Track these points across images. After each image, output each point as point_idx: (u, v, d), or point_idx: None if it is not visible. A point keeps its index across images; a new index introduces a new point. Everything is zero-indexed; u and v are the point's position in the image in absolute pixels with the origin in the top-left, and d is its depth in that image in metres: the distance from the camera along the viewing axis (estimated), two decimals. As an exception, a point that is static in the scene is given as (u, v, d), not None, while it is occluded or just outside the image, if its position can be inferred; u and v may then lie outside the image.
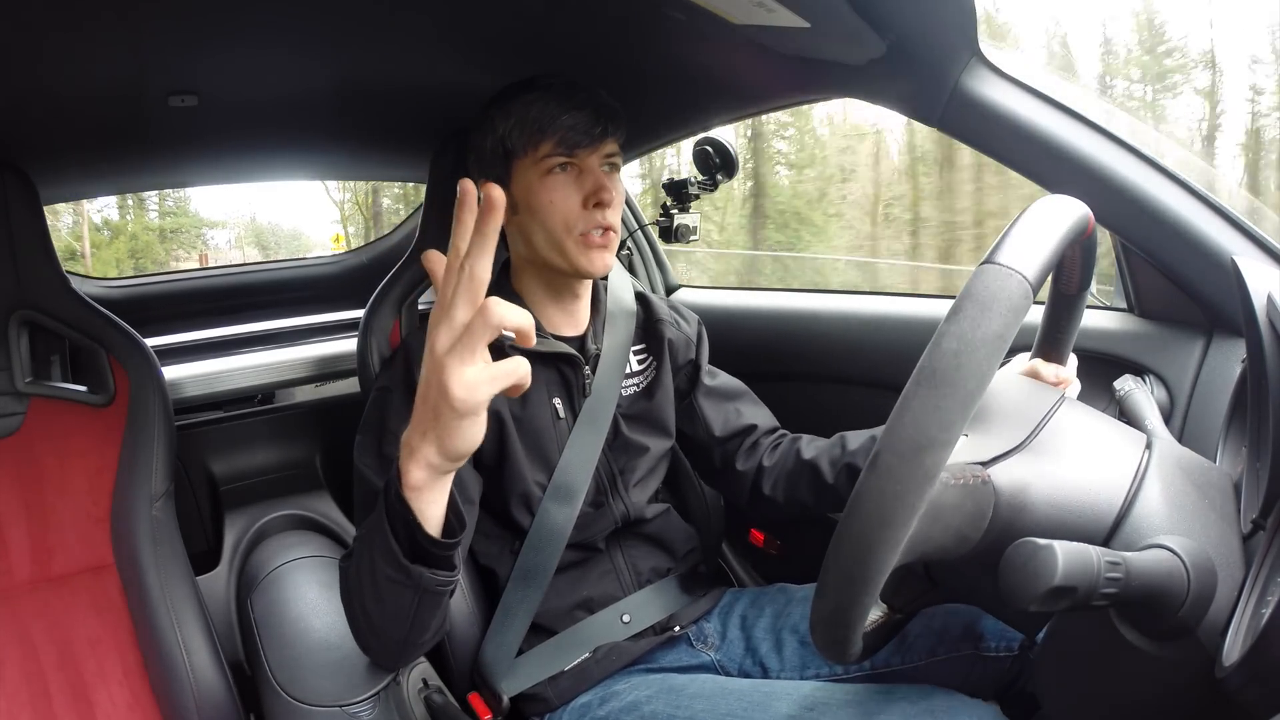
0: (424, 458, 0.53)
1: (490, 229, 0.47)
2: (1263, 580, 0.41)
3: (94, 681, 0.87)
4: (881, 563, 0.41)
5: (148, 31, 0.74)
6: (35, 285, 0.94)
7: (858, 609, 0.43)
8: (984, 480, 0.48)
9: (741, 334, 1.31)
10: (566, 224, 0.80)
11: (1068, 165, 0.72)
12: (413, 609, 0.62)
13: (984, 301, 0.41)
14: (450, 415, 0.50)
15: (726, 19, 0.69)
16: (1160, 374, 0.80)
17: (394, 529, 0.57)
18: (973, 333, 0.40)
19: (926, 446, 0.40)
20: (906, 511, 0.40)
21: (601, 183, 0.79)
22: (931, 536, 0.46)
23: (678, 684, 0.78)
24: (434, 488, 0.55)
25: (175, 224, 7.15)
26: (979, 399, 0.40)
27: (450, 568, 0.61)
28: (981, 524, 0.48)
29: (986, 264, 0.43)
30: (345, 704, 0.76)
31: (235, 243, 8.13)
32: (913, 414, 0.40)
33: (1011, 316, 0.41)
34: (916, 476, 0.40)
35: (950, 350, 0.40)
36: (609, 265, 0.83)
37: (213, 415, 1.41)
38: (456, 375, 0.48)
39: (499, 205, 0.46)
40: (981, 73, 0.73)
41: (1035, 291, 0.42)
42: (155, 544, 0.91)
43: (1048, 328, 0.65)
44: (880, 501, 0.40)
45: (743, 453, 0.96)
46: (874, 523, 0.40)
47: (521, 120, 0.79)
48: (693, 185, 1.19)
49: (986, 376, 0.40)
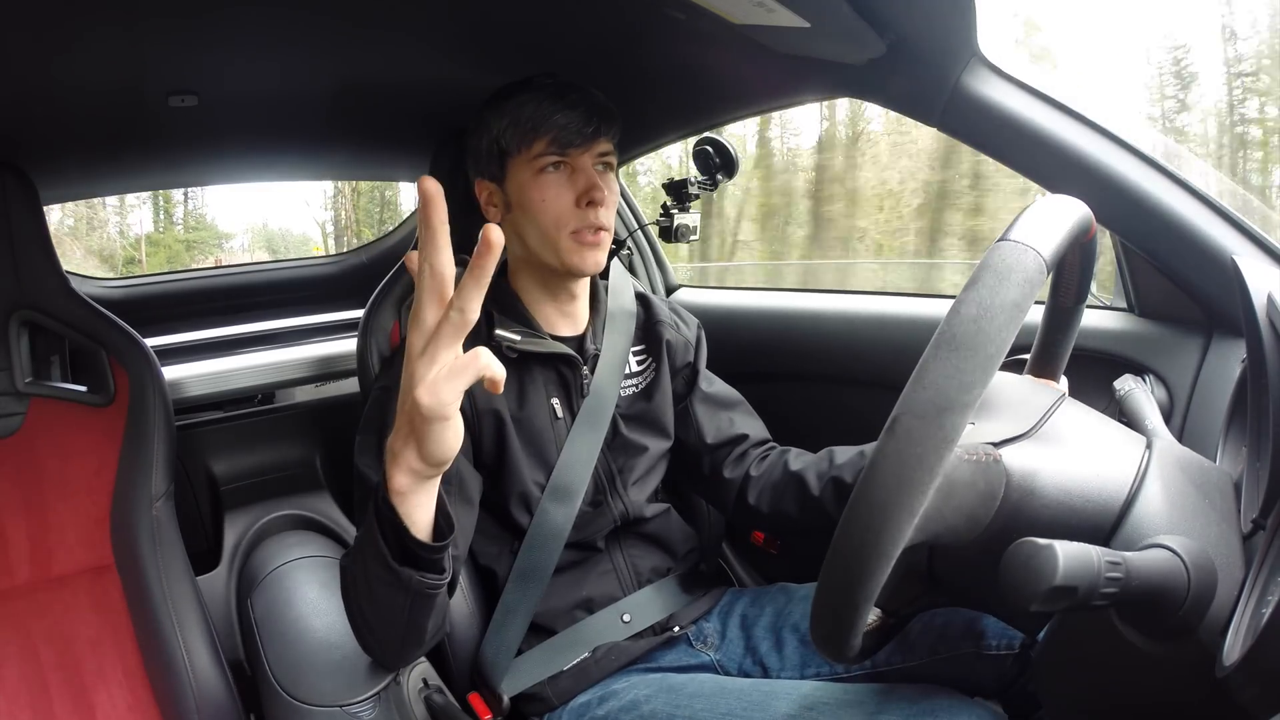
0: (405, 463, 0.53)
1: (435, 221, 0.45)
2: (1263, 580, 0.41)
3: (94, 681, 0.87)
4: (898, 532, 0.40)
5: (148, 31, 0.74)
6: (35, 285, 0.94)
7: (868, 587, 0.42)
8: (996, 459, 0.48)
9: (741, 334, 1.31)
10: (558, 222, 0.80)
11: (1068, 165, 0.72)
12: (405, 610, 0.63)
13: (1001, 272, 0.42)
14: (420, 420, 0.49)
15: (726, 19, 0.69)
16: (1160, 374, 0.80)
17: (383, 532, 0.57)
18: (991, 299, 0.41)
19: (947, 408, 0.39)
20: (926, 475, 0.39)
21: (594, 181, 0.80)
22: (944, 515, 0.45)
23: (677, 683, 0.78)
24: (419, 492, 0.55)
25: (198, 237, 7.81)
26: (998, 364, 0.41)
27: (439, 571, 0.61)
28: (992, 505, 0.48)
29: (1002, 241, 0.43)
30: (345, 704, 0.75)
31: (248, 247, 8.61)
32: (932, 376, 0.40)
33: (1028, 288, 0.41)
34: (937, 438, 0.39)
35: (970, 315, 0.41)
36: (600, 264, 0.84)
37: (213, 415, 1.41)
38: (421, 378, 0.48)
39: (433, 196, 0.44)
40: (981, 72, 0.73)
41: (1049, 270, 0.43)
42: (155, 544, 0.91)
43: (1043, 341, 0.65)
44: (900, 465, 0.40)
45: (731, 461, 0.96)
46: (894, 486, 0.40)
47: (515, 120, 0.80)
48: (693, 185, 1.18)
49: (1005, 342, 0.40)
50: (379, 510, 0.57)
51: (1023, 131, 0.73)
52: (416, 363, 0.48)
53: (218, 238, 7.94)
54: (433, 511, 0.58)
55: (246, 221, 8.82)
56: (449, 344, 0.47)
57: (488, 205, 0.86)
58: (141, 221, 8.03)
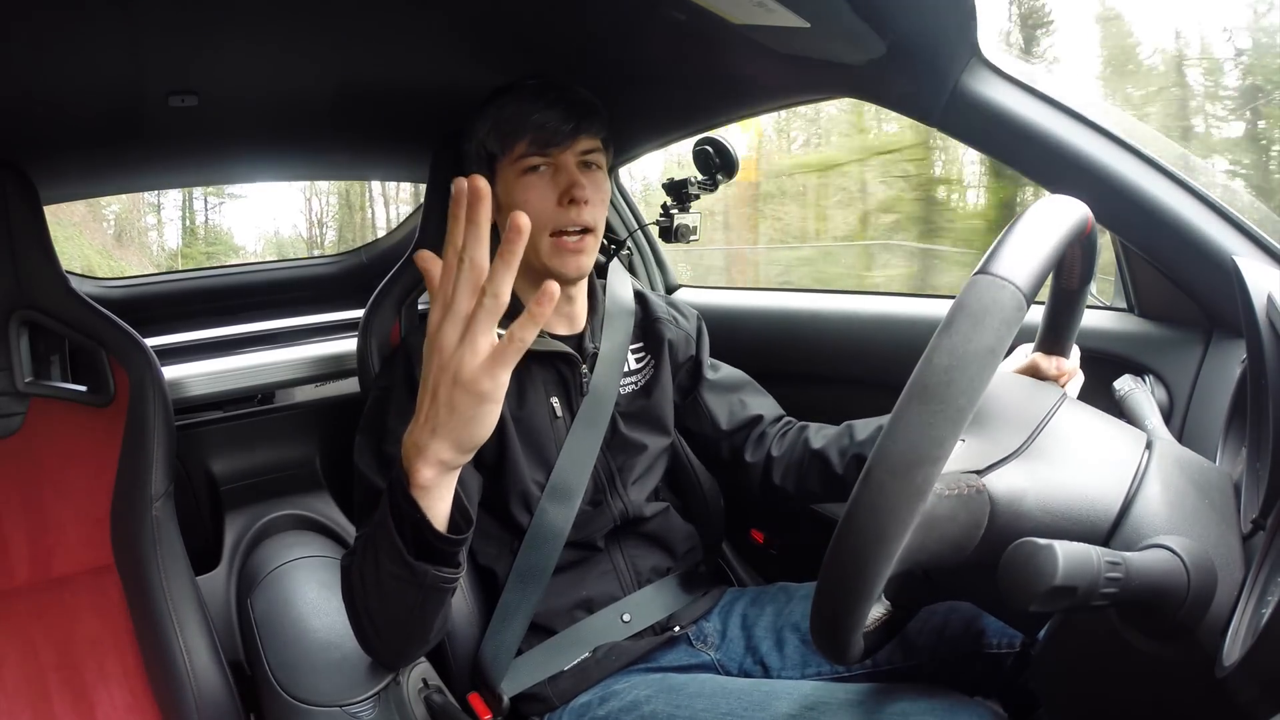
0: (435, 455, 0.53)
1: (481, 218, 0.48)
2: (1263, 580, 0.41)
3: (94, 681, 0.87)
4: (876, 574, 0.41)
5: (147, 31, 0.74)
6: (35, 285, 0.94)
7: (855, 615, 0.43)
8: (979, 490, 0.49)
9: (742, 334, 1.31)
10: (540, 223, 0.80)
11: (1068, 165, 0.72)
12: (417, 607, 0.63)
13: (976, 314, 0.41)
14: (470, 405, 0.50)
15: (726, 19, 0.69)
16: (1160, 374, 0.80)
17: (399, 528, 0.57)
18: (964, 347, 0.40)
19: (917, 463, 0.40)
20: (899, 526, 0.41)
21: (575, 179, 0.80)
22: (926, 546, 0.46)
23: (678, 683, 0.78)
24: (442, 484, 0.56)
25: (216, 249, 8.87)
26: (970, 414, 0.41)
27: (456, 565, 0.61)
28: (976, 534, 0.48)
29: (980, 274, 0.43)
30: (345, 704, 0.75)
31: (260, 254, 9.13)
32: (904, 429, 0.41)
33: (1004, 330, 0.41)
34: (908, 492, 0.40)
35: (942, 366, 0.41)
36: (584, 268, 0.83)
37: (213, 415, 1.41)
38: (472, 363, 0.49)
39: (484, 194, 0.47)
40: (981, 73, 0.73)
41: (1029, 301, 0.42)
42: (155, 544, 0.91)
43: (1049, 322, 0.65)
44: (873, 517, 0.41)
45: (750, 444, 0.97)
46: (867, 537, 0.41)
47: (497, 122, 0.81)
48: (693, 185, 1.18)
49: (978, 391, 0.41)
50: (397, 505, 0.57)
51: (1023, 131, 0.73)
52: (458, 351, 0.49)
53: (232, 249, 8.82)
54: (450, 504, 0.58)
55: (260, 231, 9.37)
56: (486, 329, 0.49)
57: None
58: (173, 235, 8.99)
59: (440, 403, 0.51)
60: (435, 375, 0.51)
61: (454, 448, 0.53)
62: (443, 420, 0.52)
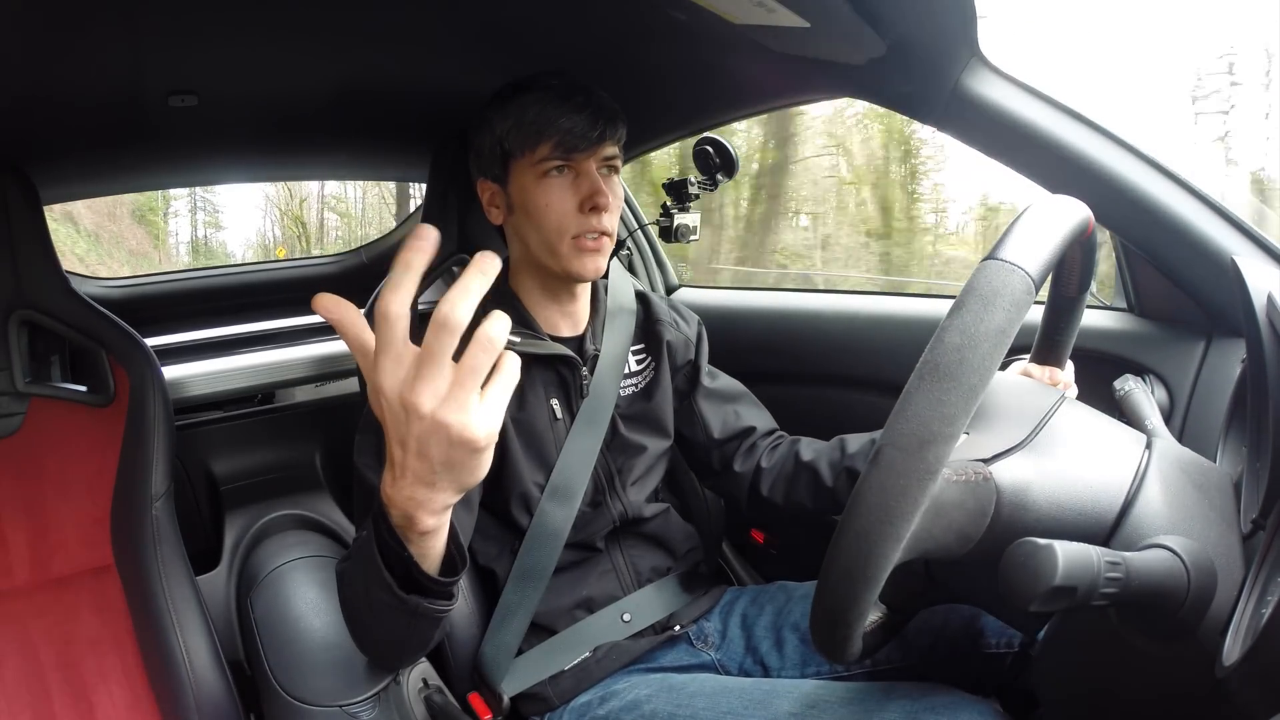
0: (437, 504, 0.49)
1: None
2: (1263, 580, 0.41)
3: (94, 681, 0.87)
4: (884, 558, 0.41)
5: (147, 31, 0.74)
6: (35, 285, 0.94)
7: (858, 607, 0.43)
8: (986, 477, 0.48)
9: (741, 334, 1.31)
10: (561, 227, 0.79)
11: (1068, 165, 0.72)
12: (409, 627, 0.61)
13: (986, 296, 0.41)
14: (469, 456, 0.45)
15: (726, 19, 0.69)
16: (1160, 374, 0.80)
17: (389, 565, 0.55)
18: (975, 327, 0.41)
19: (929, 441, 0.40)
20: (909, 506, 0.40)
21: (598, 187, 0.79)
22: (933, 534, 0.46)
23: (678, 683, 0.78)
24: (441, 526, 0.53)
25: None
26: (982, 393, 0.41)
27: (448, 597, 0.58)
28: (983, 522, 0.48)
29: (989, 260, 0.43)
30: (345, 704, 0.76)
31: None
32: (916, 408, 0.40)
33: (1014, 311, 0.41)
34: (919, 471, 0.40)
35: (953, 345, 0.41)
36: (601, 269, 0.83)
37: (213, 415, 1.41)
38: (466, 421, 0.43)
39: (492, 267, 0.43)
40: (981, 72, 0.73)
41: (1037, 288, 0.42)
42: (155, 544, 0.91)
43: (1046, 330, 0.65)
44: (883, 496, 0.40)
45: (741, 454, 0.96)
46: (877, 517, 0.41)
47: (519, 121, 0.79)
48: (693, 185, 1.19)
49: (989, 371, 0.41)
50: (383, 544, 0.54)
51: (1023, 131, 0.73)
52: (441, 411, 0.43)
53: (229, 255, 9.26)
54: (445, 542, 0.55)
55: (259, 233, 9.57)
56: (479, 376, 0.43)
57: (489, 206, 0.86)
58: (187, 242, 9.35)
59: (435, 460, 0.45)
60: (421, 437, 0.44)
61: (456, 492, 0.49)
62: (439, 474, 0.47)
